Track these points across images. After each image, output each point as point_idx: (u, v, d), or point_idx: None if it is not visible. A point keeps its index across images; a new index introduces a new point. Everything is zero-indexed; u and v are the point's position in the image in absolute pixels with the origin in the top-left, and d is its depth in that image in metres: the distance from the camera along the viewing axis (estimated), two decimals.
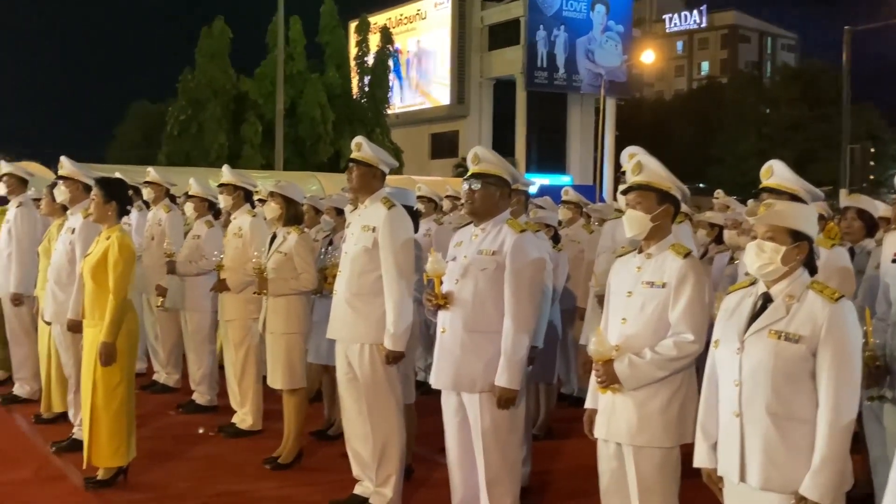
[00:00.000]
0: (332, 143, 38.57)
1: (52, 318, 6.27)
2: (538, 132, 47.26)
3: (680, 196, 3.80)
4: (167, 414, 7.34)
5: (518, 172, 4.63)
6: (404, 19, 51.36)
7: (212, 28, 37.69)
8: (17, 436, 6.69)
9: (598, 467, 3.80)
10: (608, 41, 48.04)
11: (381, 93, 40.92)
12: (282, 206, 6.06)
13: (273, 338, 5.95)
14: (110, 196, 5.40)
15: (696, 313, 3.59)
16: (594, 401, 3.81)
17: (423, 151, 49.24)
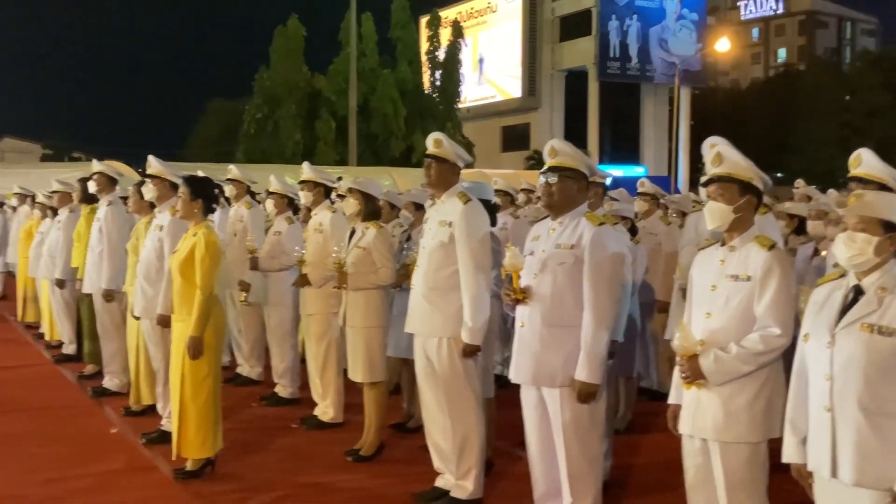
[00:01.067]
0: (404, 138, 38.78)
1: (141, 314, 6.44)
2: (611, 123, 46.80)
3: (762, 186, 3.73)
4: (250, 406, 7.49)
5: (594, 164, 4.60)
6: (475, 13, 51.30)
7: (286, 27, 38.20)
8: (107, 428, 6.88)
9: (683, 463, 3.76)
10: (682, 29, 47.29)
11: (452, 87, 40.97)
12: (360, 202, 6.12)
13: (353, 331, 6.02)
14: (196, 194, 5.53)
15: (783, 306, 3.52)
16: (678, 396, 3.77)
17: (494, 144, 49.18)
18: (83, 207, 8.58)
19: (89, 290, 7.86)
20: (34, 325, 11.44)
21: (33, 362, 9.53)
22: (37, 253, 10.27)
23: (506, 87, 49.49)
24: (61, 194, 9.55)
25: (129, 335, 7.02)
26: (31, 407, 7.48)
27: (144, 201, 6.91)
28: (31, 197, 12.69)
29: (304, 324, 7.12)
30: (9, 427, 6.82)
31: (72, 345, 9.40)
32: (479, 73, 51.15)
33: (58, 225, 9.37)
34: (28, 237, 11.32)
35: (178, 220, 6.02)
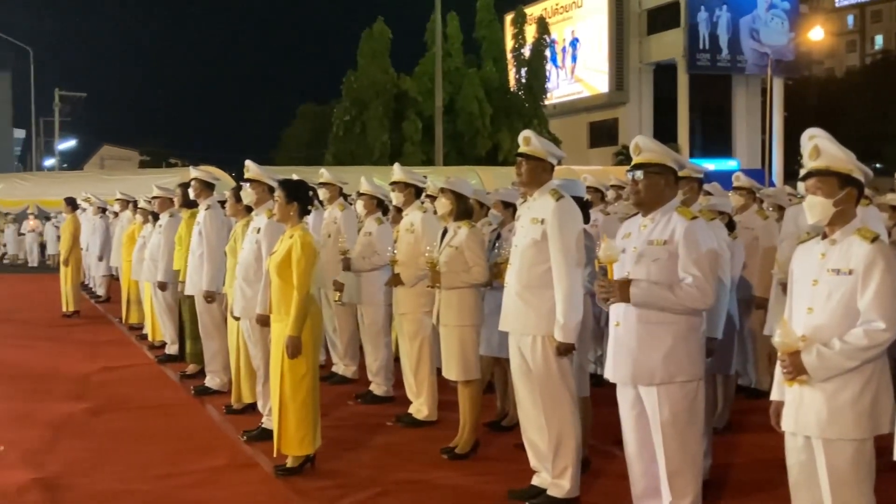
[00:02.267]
0: (490, 136, 38.80)
1: (240, 314, 6.61)
2: (701, 116, 45.90)
3: (863, 178, 3.63)
4: (346, 404, 7.61)
5: (685, 159, 4.54)
6: (560, 8, 50.94)
7: (372, 30, 38.62)
8: (209, 425, 7.11)
9: (787, 461, 3.69)
10: (774, 19, 46.06)
11: (538, 84, 40.81)
12: (453, 202, 6.16)
13: (446, 330, 6.06)
14: (293, 197, 5.66)
15: (888, 300, 3.42)
16: (780, 393, 3.70)
17: (581, 140, 48.76)
18: (184, 212, 8.86)
19: (191, 292, 8.12)
20: (138, 326, 11.86)
21: (137, 362, 9.89)
22: (139, 256, 10.63)
23: (593, 82, 49.00)
24: (161, 199, 9.87)
25: (230, 335, 7.21)
26: (136, 405, 7.77)
27: (241, 205, 7.12)
28: (132, 202, 13.15)
29: (397, 322, 7.21)
30: (116, 424, 7.10)
31: (174, 345, 9.72)
32: (565, 69, 50.79)
33: (159, 229, 9.69)
34: (130, 241, 11.73)
35: (274, 223, 6.16)
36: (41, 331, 12.47)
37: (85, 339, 11.54)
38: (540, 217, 4.87)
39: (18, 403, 7.78)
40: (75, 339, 11.65)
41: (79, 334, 12.04)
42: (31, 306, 15.76)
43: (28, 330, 12.57)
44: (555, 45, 46.38)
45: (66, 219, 14.55)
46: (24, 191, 30.14)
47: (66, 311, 13.98)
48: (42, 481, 5.55)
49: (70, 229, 14.07)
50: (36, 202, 29.16)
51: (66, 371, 9.25)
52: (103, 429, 6.96)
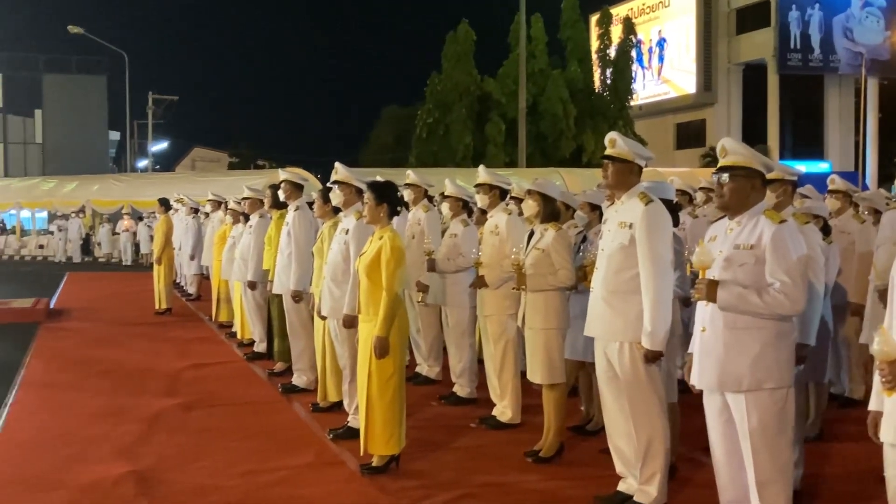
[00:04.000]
0: (574, 138, 38.62)
1: (328, 313, 6.70)
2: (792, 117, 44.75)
3: None
4: (430, 405, 7.65)
5: (774, 161, 4.43)
6: (647, 8, 50.32)
7: (456, 32, 38.77)
8: (296, 423, 7.23)
9: (885, 472, 3.56)
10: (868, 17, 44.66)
11: (623, 85, 40.43)
12: (540, 204, 6.15)
13: (532, 333, 6.05)
14: (382, 198, 5.73)
15: None
16: (879, 403, 3.57)
17: (667, 142, 48.07)
18: (273, 213, 9.04)
19: (279, 291, 8.28)
20: (227, 324, 12.16)
21: (227, 359, 10.12)
22: (229, 256, 10.89)
23: (680, 83, 48.24)
24: (252, 200, 10.08)
25: (317, 334, 7.31)
26: (225, 402, 7.96)
27: (328, 206, 7.22)
28: (223, 203, 13.45)
29: (482, 324, 7.22)
30: (207, 421, 7.28)
31: (262, 343, 9.92)
32: (651, 69, 50.12)
33: (249, 230, 9.91)
34: (221, 241, 12.01)
35: (363, 224, 6.25)
36: (135, 328, 12.87)
37: (176, 337, 11.86)
38: (628, 221, 4.82)
39: (114, 398, 8.04)
40: (167, 336, 11.99)
41: (171, 332, 12.39)
42: (125, 304, 16.27)
43: (122, 327, 12.98)
44: (641, 45, 45.80)
45: (159, 219, 14.98)
46: (119, 191, 31.24)
47: (158, 308, 14.39)
48: (135, 474, 5.73)
49: (163, 229, 14.48)
50: (130, 202, 30.18)
51: (158, 368, 9.53)
52: (194, 425, 7.15)
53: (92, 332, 12.50)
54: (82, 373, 9.33)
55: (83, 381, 8.86)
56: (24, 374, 9.20)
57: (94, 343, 11.46)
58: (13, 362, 9.76)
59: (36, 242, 33.60)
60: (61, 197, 32.00)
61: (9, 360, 9.94)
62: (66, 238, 30.55)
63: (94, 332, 12.50)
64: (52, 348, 11.00)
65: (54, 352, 10.73)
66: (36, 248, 33.15)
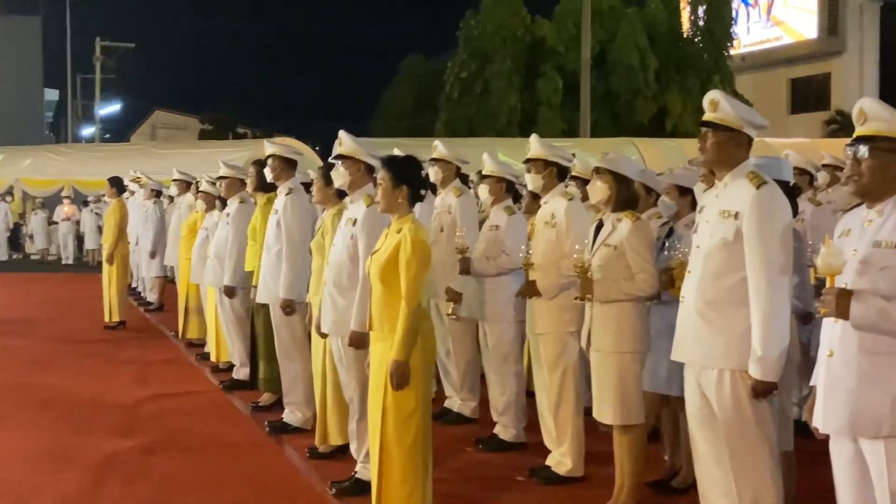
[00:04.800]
0: (655, 98, 38.45)
1: (330, 330, 6.69)
2: None
3: None
4: (464, 451, 7.66)
5: None
6: None
7: None
8: (288, 472, 7.27)
9: None
10: None
11: (720, 28, 40.22)
12: (611, 186, 6.13)
13: (600, 357, 6.03)
14: (400, 179, 5.70)
15: None
16: None
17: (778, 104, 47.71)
18: (258, 197, 9.08)
19: (265, 300, 8.32)
20: (198, 342, 12.25)
21: (197, 389, 10.21)
22: (201, 254, 10.97)
23: (796, 25, 47.83)
24: (229, 181, 10.13)
25: (314, 357, 7.32)
26: (196, 444, 8.02)
27: (331, 189, 7.22)
28: (192, 184, 13.54)
29: (532, 345, 7.20)
30: (172, 468, 7.33)
31: (244, 368, 9.97)
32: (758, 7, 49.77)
33: (226, 219, 9.97)
34: (190, 234, 12.10)
35: (375, 213, 6.24)
36: (79, 346, 13.01)
37: (133, 358, 11.98)
38: (734, 209, 4.78)
39: (54, 437, 8.14)
40: (121, 357, 12.11)
41: (125, 351, 12.52)
42: (66, 315, 16.46)
43: (63, 345, 13.13)
44: None
45: (110, 204, 15.11)
46: (57, 168, 31.42)
47: (108, 321, 14.53)
48: None
49: (115, 218, 14.58)
50: (72, 183, 30.36)
51: (110, 398, 9.63)
52: (156, 472, 7.20)
53: (24, 350, 12.66)
54: (13, 404, 9.46)
55: (15, 415, 8.98)
56: None
57: (27, 365, 11.60)
58: None
59: None
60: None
61: None
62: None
63: (27, 351, 12.66)
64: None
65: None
66: None
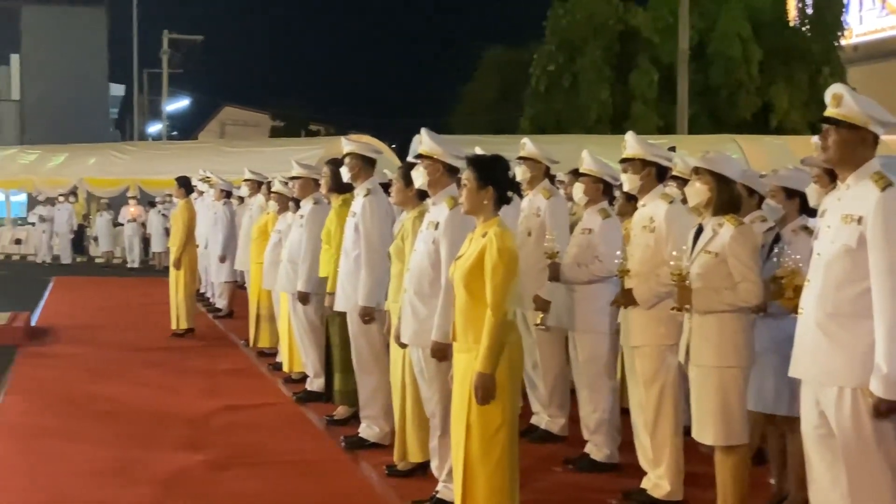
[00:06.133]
0: (758, 92, 37.96)
1: (410, 340, 6.73)
2: None
3: None
4: (552, 471, 7.64)
5: None
6: None
7: None
8: (365, 491, 7.34)
9: None
10: None
11: (831, 15, 39.59)
12: (711, 188, 6.07)
13: (700, 373, 5.98)
14: (486, 179, 5.71)
15: None
16: None
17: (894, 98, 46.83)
18: (334, 198, 9.13)
19: (342, 308, 8.36)
20: (269, 351, 12.39)
21: (269, 401, 10.32)
22: (273, 258, 11.07)
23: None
24: (303, 181, 10.23)
25: (394, 368, 7.36)
26: (267, 460, 8.12)
27: (411, 190, 7.25)
28: (264, 184, 13.65)
29: (627, 359, 7.16)
30: (242, 484, 7.43)
31: (318, 379, 10.06)
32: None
33: (300, 221, 10.04)
34: (262, 237, 12.22)
35: (458, 216, 6.26)
36: (144, 355, 13.22)
37: (201, 368, 12.17)
38: (857, 213, 4.70)
39: (118, 451, 8.27)
40: (188, 367, 12.30)
41: (193, 361, 12.71)
42: (131, 322, 16.73)
43: (128, 354, 13.37)
44: None
45: (177, 205, 15.31)
46: (122, 167, 31.99)
47: (176, 329, 14.74)
48: None
49: (183, 220, 14.74)
50: (137, 182, 30.84)
51: (177, 410, 9.78)
52: (225, 489, 7.31)
53: (87, 359, 12.91)
54: (75, 415, 9.63)
55: (76, 427, 9.14)
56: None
57: (90, 375, 11.82)
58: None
59: (11, 236, 34.71)
60: (45, 174, 32.95)
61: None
62: (52, 231, 31.48)
63: (89, 359, 12.91)
64: (35, 381, 11.39)
65: (37, 386, 11.10)
66: (11, 243, 34.25)
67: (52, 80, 54.48)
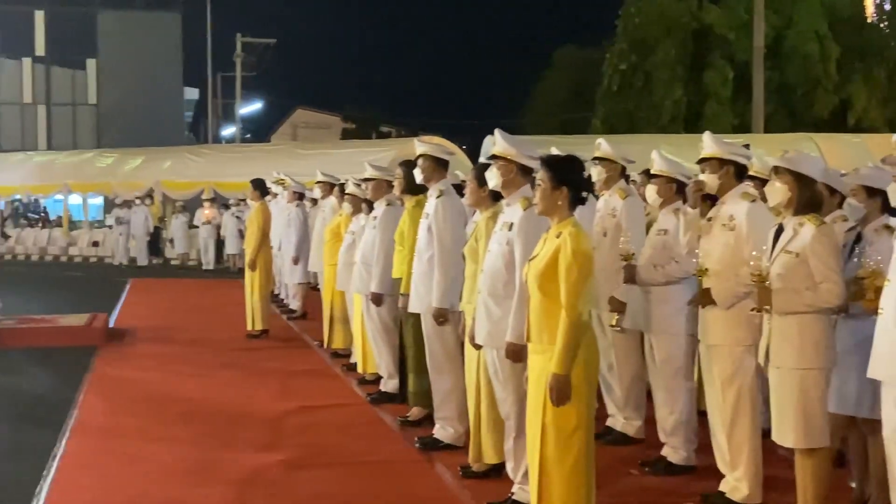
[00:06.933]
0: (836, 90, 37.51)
1: (484, 341, 6.73)
2: None
3: None
4: (629, 473, 7.59)
5: None
6: None
7: None
8: (439, 492, 7.34)
9: None
10: None
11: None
12: (791, 187, 6.00)
13: (780, 374, 5.92)
14: (561, 179, 5.69)
15: None
16: None
17: None
18: (407, 199, 9.15)
19: (416, 310, 8.37)
20: (343, 352, 12.44)
21: (343, 401, 10.38)
22: (346, 259, 11.12)
23: None
24: (376, 182, 10.25)
25: (468, 370, 7.36)
26: (342, 461, 8.16)
27: (484, 191, 7.24)
28: (337, 186, 13.72)
29: (705, 360, 7.09)
30: (317, 485, 7.48)
31: (392, 380, 10.08)
32: None
33: (373, 223, 10.08)
34: (335, 239, 12.27)
35: (532, 216, 6.24)
36: (220, 356, 13.39)
37: (275, 369, 12.27)
38: None
39: (195, 451, 8.39)
40: (263, 368, 12.41)
41: (268, 362, 12.82)
42: (207, 324, 16.95)
43: (203, 355, 13.55)
44: None
45: (252, 208, 15.43)
46: (197, 170, 32.42)
47: (251, 330, 14.88)
48: None
49: (257, 222, 14.86)
50: (211, 185, 31.19)
51: (252, 411, 9.88)
52: (300, 490, 7.36)
53: (164, 359, 13.11)
54: (153, 415, 9.79)
55: (154, 427, 9.28)
56: (76, 415, 9.70)
57: (166, 375, 12.00)
58: (62, 400, 10.32)
59: (89, 238, 35.28)
60: (122, 177, 33.54)
61: (56, 398, 10.55)
62: (129, 233, 31.81)
63: (166, 360, 13.11)
64: (113, 381, 11.59)
65: (116, 386, 11.31)
66: (89, 245, 34.83)
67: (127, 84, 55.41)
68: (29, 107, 58.70)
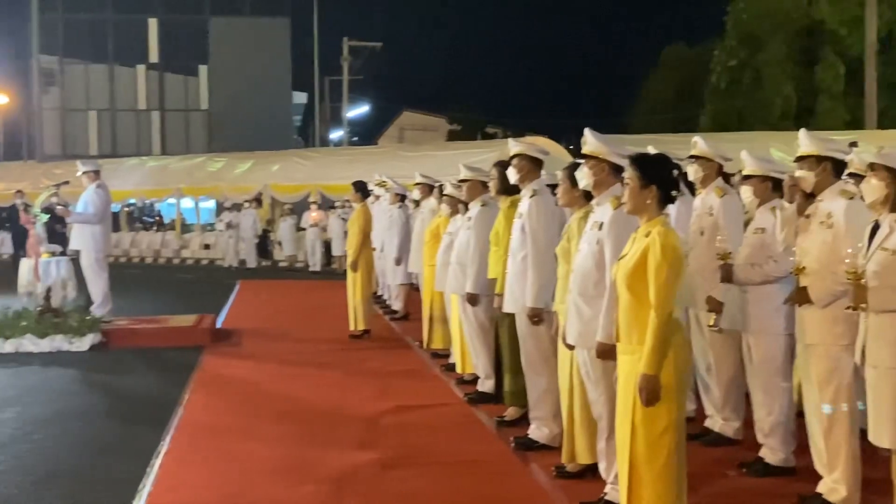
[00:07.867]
0: None
1: (575, 341, 6.73)
2: None
3: None
4: (725, 475, 7.52)
5: None
6: None
7: None
8: (534, 492, 7.32)
9: None
10: None
11: None
12: (888, 184, 5.88)
13: (877, 374, 5.80)
14: (649, 178, 5.66)
15: None
16: None
17: None
18: (501, 200, 9.17)
19: (511, 310, 8.39)
20: (443, 352, 12.53)
21: (441, 401, 10.42)
22: (444, 260, 11.18)
23: None
24: (471, 183, 10.31)
25: (562, 370, 7.36)
26: (437, 460, 8.20)
27: (577, 190, 7.23)
28: (437, 188, 13.79)
29: (802, 359, 7.01)
30: (412, 484, 7.51)
31: (489, 380, 10.13)
32: None
33: (468, 223, 10.12)
34: (433, 240, 12.36)
35: (622, 215, 6.22)
36: (322, 356, 13.55)
37: (375, 369, 12.36)
38: None
39: (293, 449, 8.50)
40: (363, 367, 12.53)
41: (368, 362, 12.93)
42: (311, 324, 17.18)
43: (306, 355, 13.70)
44: None
45: (354, 210, 15.57)
46: (304, 173, 32.81)
47: (353, 330, 15.00)
48: None
49: (359, 223, 14.99)
50: (319, 188, 31.54)
51: (350, 410, 9.98)
52: (396, 489, 7.40)
53: (268, 359, 13.33)
54: (254, 414, 9.95)
55: (255, 426, 9.44)
56: (181, 413, 9.91)
57: (270, 375, 12.21)
58: (168, 399, 10.54)
59: (200, 241, 35.98)
60: (231, 181, 34.12)
61: (163, 396, 10.77)
62: (238, 236, 32.44)
63: (270, 359, 13.32)
64: (218, 380, 11.85)
65: (220, 385, 11.55)
66: (200, 248, 35.52)
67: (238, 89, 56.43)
68: (143, 113, 60.17)
